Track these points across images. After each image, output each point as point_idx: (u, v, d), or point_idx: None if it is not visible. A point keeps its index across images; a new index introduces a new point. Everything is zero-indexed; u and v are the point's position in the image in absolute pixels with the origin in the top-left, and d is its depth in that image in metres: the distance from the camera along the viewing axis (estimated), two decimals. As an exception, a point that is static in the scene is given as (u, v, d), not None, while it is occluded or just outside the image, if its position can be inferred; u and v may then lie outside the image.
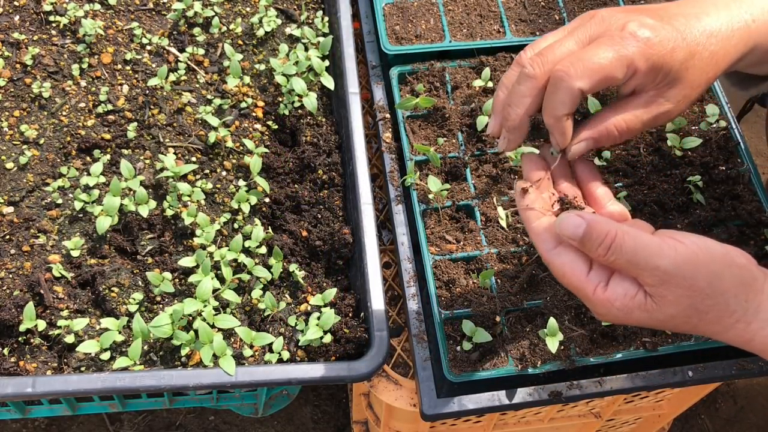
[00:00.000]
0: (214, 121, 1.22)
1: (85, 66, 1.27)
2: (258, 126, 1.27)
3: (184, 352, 1.04)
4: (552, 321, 1.02)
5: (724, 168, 1.20)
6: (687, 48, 0.73)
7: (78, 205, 1.14)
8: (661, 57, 0.72)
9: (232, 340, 1.07)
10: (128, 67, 1.28)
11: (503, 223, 1.15)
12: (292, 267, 1.13)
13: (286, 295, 1.14)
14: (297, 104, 1.26)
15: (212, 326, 1.04)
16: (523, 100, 0.75)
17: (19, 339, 1.05)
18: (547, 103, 0.74)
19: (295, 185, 1.22)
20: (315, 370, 1.02)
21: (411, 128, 1.24)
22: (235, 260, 1.12)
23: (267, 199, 1.20)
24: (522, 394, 1.05)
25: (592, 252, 0.70)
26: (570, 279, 0.72)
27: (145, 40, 1.31)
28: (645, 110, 0.76)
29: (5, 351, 1.04)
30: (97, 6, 1.33)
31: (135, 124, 1.23)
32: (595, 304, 0.71)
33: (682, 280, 0.68)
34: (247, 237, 1.15)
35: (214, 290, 1.07)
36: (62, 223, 1.15)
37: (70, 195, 1.17)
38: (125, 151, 1.21)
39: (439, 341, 1.05)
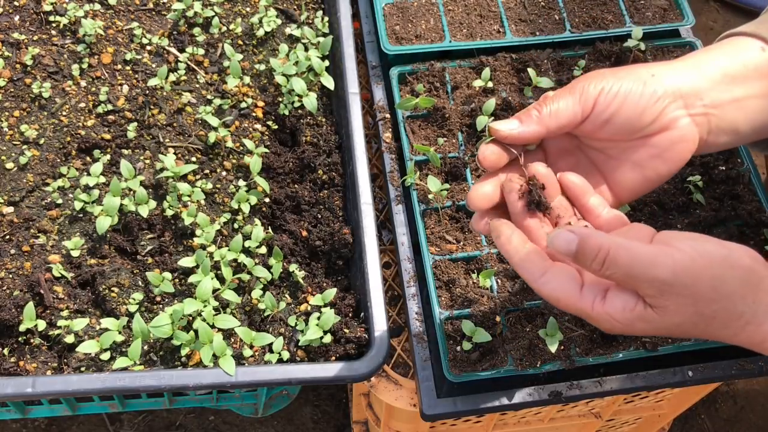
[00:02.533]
0: (214, 121, 1.22)
1: (85, 66, 1.27)
2: (258, 126, 1.27)
3: (184, 352, 1.04)
4: (552, 321, 1.02)
5: (724, 168, 1.20)
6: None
7: (78, 205, 1.14)
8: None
9: (232, 340, 1.07)
10: (128, 67, 1.28)
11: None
12: (292, 267, 1.13)
13: (286, 295, 1.14)
14: (297, 104, 1.26)
15: (212, 326, 1.04)
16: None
17: (19, 339, 1.05)
18: None
19: (295, 185, 1.22)
20: (315, 370, 1.02)
21: (411, 128, 1.24)
22: (235, 260, 1.12)
23: (267, 199, 1.20)
24: (522, 394, 1.05)
25: (587, 267, 0.68)
26: (566, 302, 0.71)
27: (145, 40, 1.31)
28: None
29: (5, 351, 1.04)
30: (97, 6, 1.33)
31: (135, 124, 1.23)
32: (596, 319, 0.70)
33: (683, 288, 0.66)
34: (247, 237, 1.15)
35: (214, 290, 1.07)
36: (62, 223, 1.15)
37: (70, 195, 1.17)
38: (125, 151, 1.21)
39: (439, 341, 1.05)
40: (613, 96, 0.75)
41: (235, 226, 1.18)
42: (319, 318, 1.07)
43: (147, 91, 1.26)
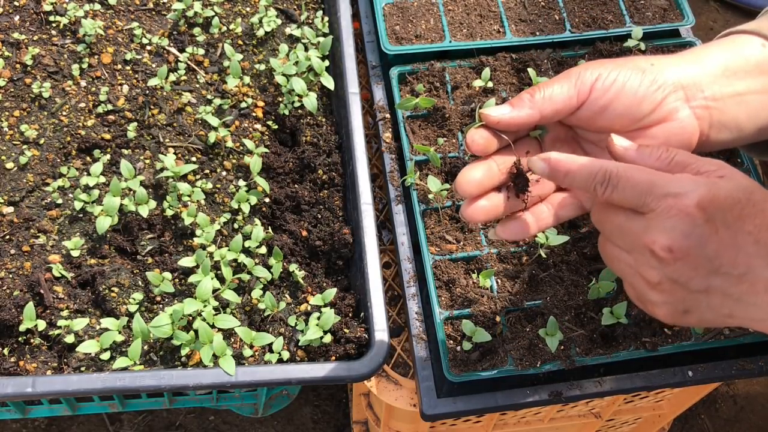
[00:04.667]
0: (214, 121, 1.22)
1: (85, 66, 1.27)
2: (258, 126, 1.27)
3: (184, 352, 1.04)
4: (552, 321, 1.02)
5: (724, 168, 1.20)
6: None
7: (78, 205, 1.15)
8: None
9: (232, 340, 1.07)
10: (128, 67, 1.28)
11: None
12: (292, 267, 1.13)
13: (286, 295, 1.14)
14: (297, 104, 1.26)
15: (212, 326, 1.04)
16: None
17: (19, 339, 1.05)
18: None
19: (295, 185, 1.22)
20: (315, 370, 1.02)
21: (411, 128, 1.24)
22: (235, 260, 1.12)
23: (267, 199, 1.20)
24: (522, 394, 1.04)
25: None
26: (638, 178, 0.66)
27: (145, 40, 1.31)
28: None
29: (5, 351, 1.04)
30: (97, 6, 1.33)
31: (135, 124, 1.23)
32: (682, 182, 0.64)
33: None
34: (247, 237, 1.15)
35: (214, 290, 1.07)
36: (62, 223, 1.15)
37: (70, 195, 1.17)
38: (125, 151, 1.21)
39: (439, 341, 1.05)
40: (611, 82, 0.73)
41: (235, 226, 1.18)
42: (319, 318, 1.07)
43: (147, 91, 1.26)
